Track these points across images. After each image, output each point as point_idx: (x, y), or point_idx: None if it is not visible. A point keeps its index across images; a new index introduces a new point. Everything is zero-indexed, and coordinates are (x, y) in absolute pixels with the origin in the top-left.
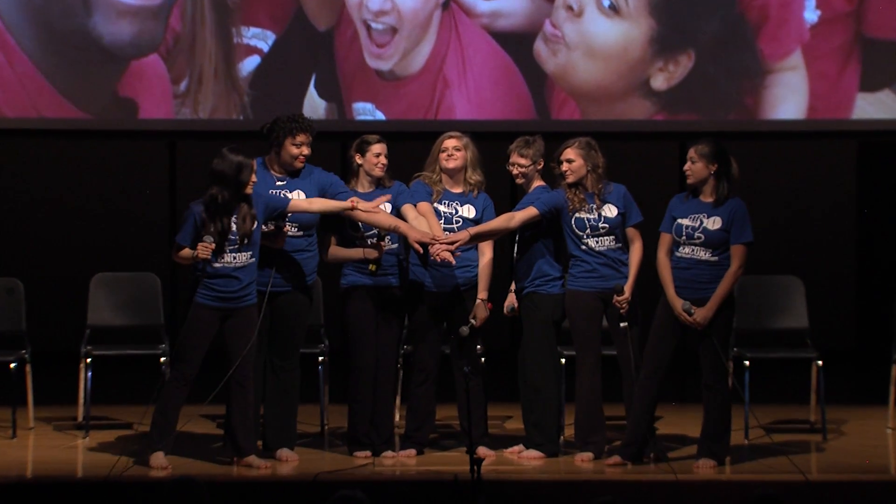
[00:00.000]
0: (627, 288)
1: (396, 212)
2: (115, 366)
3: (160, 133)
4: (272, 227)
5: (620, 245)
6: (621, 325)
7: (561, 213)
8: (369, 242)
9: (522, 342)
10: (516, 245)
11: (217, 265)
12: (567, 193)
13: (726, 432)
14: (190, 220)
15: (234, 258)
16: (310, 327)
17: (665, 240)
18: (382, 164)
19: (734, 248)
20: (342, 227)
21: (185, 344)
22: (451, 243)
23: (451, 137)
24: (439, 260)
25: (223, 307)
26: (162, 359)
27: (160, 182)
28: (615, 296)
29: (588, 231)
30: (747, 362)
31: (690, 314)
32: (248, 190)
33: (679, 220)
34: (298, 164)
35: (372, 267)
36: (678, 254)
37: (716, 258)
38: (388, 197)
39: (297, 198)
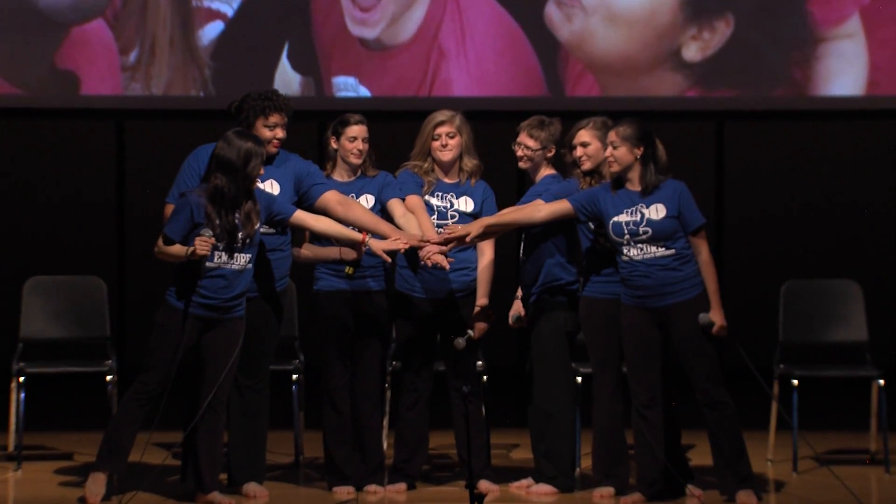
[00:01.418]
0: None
1: (381, 207)
2: (52, 386)
3: (106, 112)
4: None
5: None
6: None
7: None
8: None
9: (531, 358)
10: (522, 243)
11: (209, 265)
12: (580, 183)
13: (744, 449)
14: (185, 213)
15: (232, 259)
16: (282, 340)
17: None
18: (359, 149)
19: (693, 238)
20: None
21: (154, 353)
22: (447, 243)
23: (442, 123)
24: (430, 265)
25: (207, 316)
26: (108, 377)
27: (106, 169)
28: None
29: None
30: (795, 381)
31: (712, 325)
32: (256, 184)
33: (615, 219)
34: (271, 150)
35: (349, 269)
36: (626, 257)
37: (671, 251)
38: (402, 243)
39: (271, 189)
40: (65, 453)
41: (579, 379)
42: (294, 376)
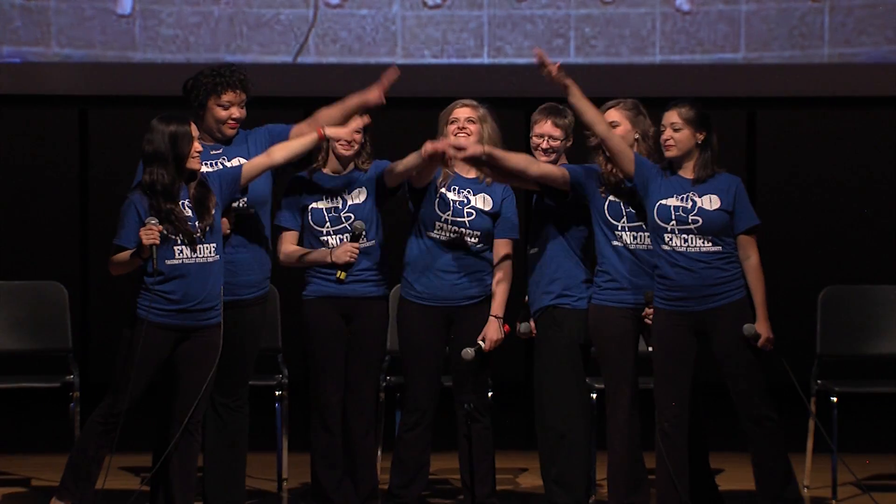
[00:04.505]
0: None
1: (374, 202)
2: (7, 403)
3: (67, 98)
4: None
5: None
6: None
7: (589, 195)
8: (339, 240)
9: (539, 372)
10: (529, 235)
11: (171, 263)
12: (602, 169)
13: (791, 474)
14: (131, 215)
15: (194, 253)
16: (264, 353)
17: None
18: (347, 140)
19: (744, 238)
20: (305, 216)
21: (124, 372)
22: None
23: (463, 106)
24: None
25: (179, 325)
26: (70, 393)
27: (68, 162)
28: (645, 307)
29: (624, 220)
30: (835, 398)
31: (756, 338)
32: (194, 164)
33: (663, 202)
34: (228, 131)
35: (340, 274)
36: (666, 246)
37: (718, 248)
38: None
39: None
40: (21, 478)
41: (594, 395)
42: (277, 393)
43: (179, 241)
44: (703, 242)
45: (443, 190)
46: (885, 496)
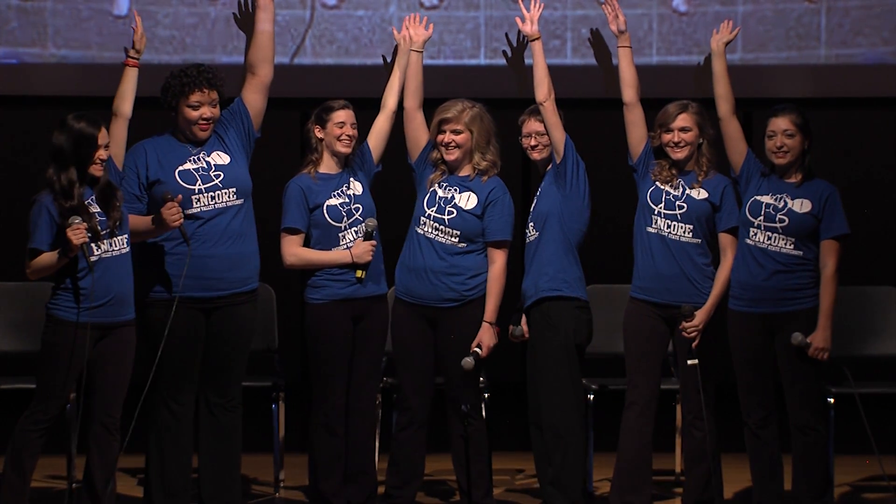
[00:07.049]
0: (703, 312)
1: (370, 189)
2: (4, 403)
3: (64, 99)
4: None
5: (699, 242)
6: (689, 361)
7: (641, 171)
8: (354, 234)
9: (535, 372)
10: (531, 222)
11: (92, 259)
12: (657, 167)
13: (829, 487)
14: (44, 217)
15: (112, 247)
16: (261, 353)
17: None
18: (348, 135)
19: (827, 244)
20: (315, 216)
21: (53, 378)
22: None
23: (448, 120)
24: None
25: (99, 322)
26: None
27: None
28: (682, 321)
29: (662, 207)
30: (831, 399)
31: (807, 347)
32: (96, 171)
33: (756, 197)
34: (200, 133)
35: (360, 273)
36: (749, 241)
37: (799, 252)
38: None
39: (220, 159)
40: None
41: (591, 396)
42: (274, 394)
43: (90, 240)
44: (786, 244)
45: (435, 186)
46: (880, 496)
